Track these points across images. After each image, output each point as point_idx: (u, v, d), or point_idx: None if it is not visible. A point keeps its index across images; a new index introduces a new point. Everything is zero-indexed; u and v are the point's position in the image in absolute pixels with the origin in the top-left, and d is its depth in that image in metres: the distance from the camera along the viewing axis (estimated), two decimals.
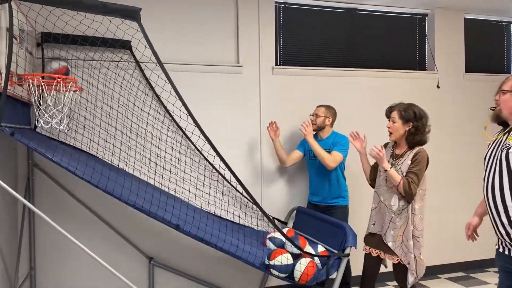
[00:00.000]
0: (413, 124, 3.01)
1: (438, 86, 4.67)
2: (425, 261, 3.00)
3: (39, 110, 2.80)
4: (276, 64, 4.20)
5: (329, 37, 4.45)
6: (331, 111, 3.84)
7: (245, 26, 4.02)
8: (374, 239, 3.12)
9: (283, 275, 2.85)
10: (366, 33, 4.59)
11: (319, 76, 4.25)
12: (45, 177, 3.48)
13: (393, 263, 3.04)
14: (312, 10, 4.39)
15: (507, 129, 2.18)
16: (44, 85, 2.72)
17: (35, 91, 2.71)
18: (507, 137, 2.14)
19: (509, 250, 2.12)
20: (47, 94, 2.80)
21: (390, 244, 2.99)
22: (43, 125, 2.78)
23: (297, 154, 3.90)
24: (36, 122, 2.86)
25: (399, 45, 4.72)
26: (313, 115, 3.84)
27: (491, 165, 2.18)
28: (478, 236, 2.58)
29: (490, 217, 2.19)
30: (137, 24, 2.57)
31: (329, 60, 4.44)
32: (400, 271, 3.00)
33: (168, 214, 2.81)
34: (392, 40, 4.68)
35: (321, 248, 3.15)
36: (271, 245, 3.31)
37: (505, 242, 2.13)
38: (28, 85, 2.69)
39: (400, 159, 3.04)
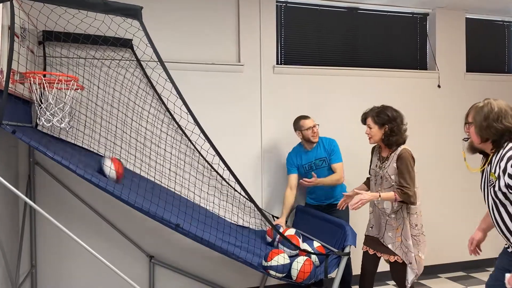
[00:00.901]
0: (388, 126, 3.04)
1: (439, 86, 4.67)
2: (424, 258, 3.01)
3: (40, 108, 2.81)
4: (277, 63, 4.20)
5: (330, 36, 4.45)
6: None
7: (247, 25, 4.02)
8: (372, 240, 3.17)
9: (281, 275, 2.86)
10: (367, 33, 4.59)
11: (320, 75, 4.25)
12: (46, 175, 3.49)
13: (390, 262, 3.06)
14: (313, 9, 4.39)
15: (488, 161, 2.20)
16: (45, 83, 2.72)
17: (36, 89, 2.72)
18: (489, 171, 2.16)
19: None
20: (49, 92, 2.81)
21: (390, 246, 3.03)
22: (45, 123, 2.79)
23: (294, 178, 3.78)
24: (38, 120, 2.87)
25: (400, 44, 4.72)
26: (310, 128, 3.70)
27: (486, 197, 2.22)
28: (481, 251, 2.54)
29: (504, 239, 2.25)
30: (138, 22, 2.57)
31: (330, 59, 4.44)
32: (398, 270, 3.03)
33: (167, 213, 2.81)
34: (393, 39, 4.68)
35: (316, 244, 3.15)
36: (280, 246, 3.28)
37: None
38: (30, 83, 2.70)
39: (386, 162, 3.08)
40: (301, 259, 2.87)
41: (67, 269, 3.58)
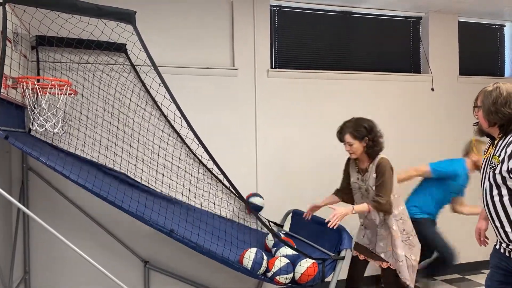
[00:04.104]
0: (369, 138, 3.01)
1: (432, 89, 4.69)
2: (417, 260, 3.04)
3: (33, 113, 2.79)
4: (271, 67, 4.20)
5: (324, 40, 4.46)
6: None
7: (241, 29, 4.02)
8: (362, 247, 3.19)
9: (290, 277, 2.85)
10: (361, 36, 4.61)
11: (314, 79, 4.26)
12: (39, 181, 3.46)
13: (382, 268, 3.08)
14: (307, 13, 4.40)
15: (495, 143, 2.21)
16: (38, 88, 2.71)
17: (29, 94, 2.70)
18: (493, 154, 2.17)
19: (504, 250, 2.20)
20: (42, 97, 2.79)
21: (382, 255, 3.05)
22: (38, 128, 2.77)
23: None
24: (31, 125, 2.86)
25: (393, 48, 4.74)
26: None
27: (484, 180, 2.24)
28: (488, 239, 2.53)
29: (490, 223, 2.27)
30: (132, 27, 2.57)
31: (324, 63, 4.45)
32: (390, 275, 3.04)
33: (161, 218, 2.80)
34: (386, 43, 4.70)
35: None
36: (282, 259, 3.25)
37: (504, 244, 2.20)
38: (23, 88, 2.69)
39: (366, 173, 3.07)
40: (305, 263, 2.87)
41: (61, 275, 3.55)
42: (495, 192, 2.14)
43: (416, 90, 4.64)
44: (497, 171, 2.11)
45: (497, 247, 2.25)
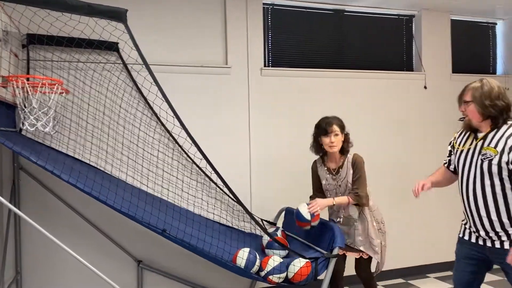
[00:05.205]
0: (346, 133, 3.16)
1: (425, 87, 4.70)
2: (386, 246, 3.20)
3: (24, 113, 2.77)
4: (265, 66, 4.19)
5: (317, 38, 4.46)
6: None
7: (234, 27, 4.01)
8: None
9: (283, 276, 2.85)
10: (354, 34, 4.61)
11: (307, 77, 4.26)
12: (31, 180, 3.43)
13: (356, 259, 3.20)
14: (300, 11, 4.39)
15: (481, 137, 2.29)
16: (29, 87, 2.68)
17: (19, 93, 2.68)
18: (482, 145, 2.26)
19: (477, 238, 2.28)
20: (32, 96, 2.76)
21: (362, 248, 3.13)
22: (28, 127, 2.74)
23: None
24: (21, 124, 2.83)
25: (386, 46, 4.74)
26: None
27: (469, 171, 2.30)
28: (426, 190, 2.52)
29: (468, 216, 2.33)
30: (123, 25, 2.55)
31: (317, 61, 4.44)
32: (364, 262, 3.17)
33: (154, 218, 2.79)
34: (379, 41, 4.71)
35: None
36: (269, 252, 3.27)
37: (483, 232, 2.25)
38: (13, 87, 2.66)
39: (340, 171, 3.15)
40: (298, 263, 2.87)
41: (53, 275, 3.53)
42: (487, 182, 2.21)
43: (409, 88, 4.65)
44: (494, 162, 2.18)
45: (466, 238, 2.34)
